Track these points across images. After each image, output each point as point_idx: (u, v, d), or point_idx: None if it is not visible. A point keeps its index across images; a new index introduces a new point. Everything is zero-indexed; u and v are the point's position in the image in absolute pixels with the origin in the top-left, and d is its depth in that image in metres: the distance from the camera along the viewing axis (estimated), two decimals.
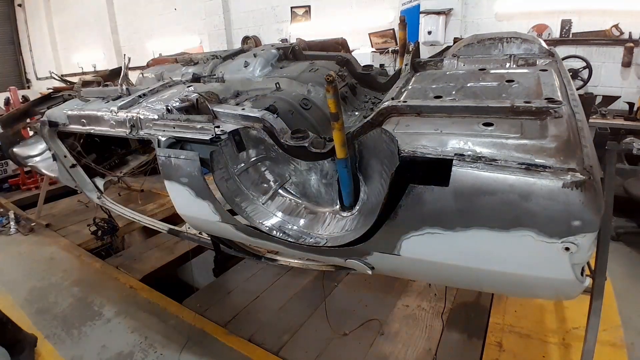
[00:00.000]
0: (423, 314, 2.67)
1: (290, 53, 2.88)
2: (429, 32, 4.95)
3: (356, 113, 2.37)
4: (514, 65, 1.94)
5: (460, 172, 1.21)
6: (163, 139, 1.98)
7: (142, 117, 2.32)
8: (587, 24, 4.49)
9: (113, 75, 4.01)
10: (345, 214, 1.76)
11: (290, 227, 1.82)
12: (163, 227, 3.41)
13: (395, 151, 1.32)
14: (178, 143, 1.97)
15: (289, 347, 2.45)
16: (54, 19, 11.36)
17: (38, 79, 12.39)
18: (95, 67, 9.58)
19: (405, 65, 2.07)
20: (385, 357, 2.35)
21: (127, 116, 2.40)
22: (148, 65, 3.69)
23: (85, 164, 3.37)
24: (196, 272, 3.50)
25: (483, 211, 1.20)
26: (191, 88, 2.34)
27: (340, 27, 6.03)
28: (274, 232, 1.79)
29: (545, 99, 1.38)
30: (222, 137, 1.82)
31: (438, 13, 4.90)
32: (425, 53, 3.27)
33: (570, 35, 4.58)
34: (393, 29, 5.59)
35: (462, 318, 2.60)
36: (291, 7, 6.66)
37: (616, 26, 4.29)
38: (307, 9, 6.57)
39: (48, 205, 4.88)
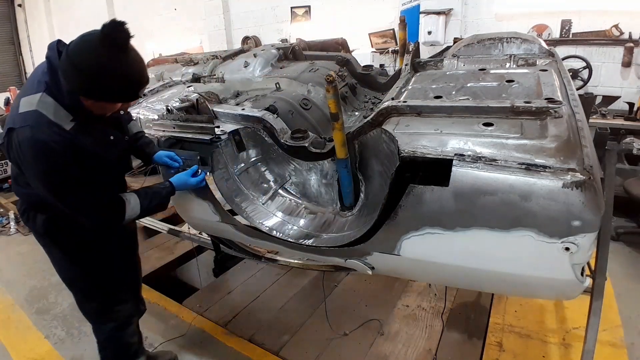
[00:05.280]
0: (423, 314, 2.67)
1: (290, 53, 2.88)
2: (429, 32, 4.95)
3: (356, 113, 2.37)
4: (514, 65, 1.94)
5: (460, 172, 1.21)
6: (163, 139, 1.98)
7: (142, 117, 2.32)
8: (587, 24, 4.48)
9: None
10: (345, 214, 1.76)
11: (290, 227, 1.83)
12: (163, 227, 3.42)
13: (395, 151, 1.32)
14: (178, 143, 1.97)
15: (289, 347, 2.45)
16: (54, 19, 11.35)
17: None
18: None
19: (405, 65, 2.08)
20: (385, 357, 2.34)
21: None
22: (148, 65, 3.69)
23: None
24: (196, 272, 3.50)
25: (483, 211, 1.20)
26: (191, 88, 2.34)
27: (340, 27, 6.03)
28: (274, 232, 1.79)
29: (545, 99, 1.38)
30: (222, 137, 1.83)
31: (438, 13, 4.90)
32: (425, 53, 3.27)
33: (570, 36, 4.58)
34: (393, 29, 5.58)
35: (462, 318, 2.60)
36: (291, 7, 6.65)
37: (616, 26, 4.28)
38: (307, 9, 6.57)
39: None
